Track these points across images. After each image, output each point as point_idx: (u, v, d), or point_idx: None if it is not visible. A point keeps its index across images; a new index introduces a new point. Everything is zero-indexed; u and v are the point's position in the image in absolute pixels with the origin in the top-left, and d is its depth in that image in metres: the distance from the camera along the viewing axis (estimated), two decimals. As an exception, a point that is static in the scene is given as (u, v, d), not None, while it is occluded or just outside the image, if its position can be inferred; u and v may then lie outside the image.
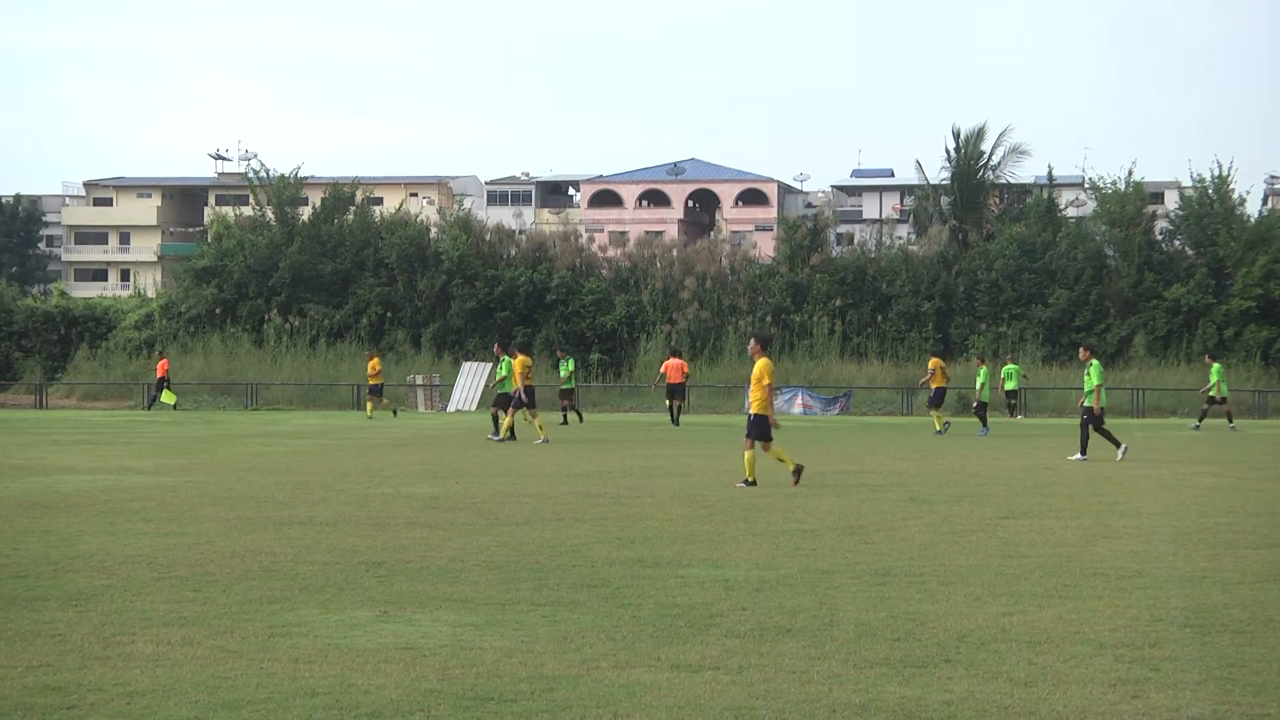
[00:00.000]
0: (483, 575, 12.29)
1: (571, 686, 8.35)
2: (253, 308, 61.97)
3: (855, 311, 59.11)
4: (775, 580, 12.10)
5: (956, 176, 65.00)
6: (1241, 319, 55.53)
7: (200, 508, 17.46)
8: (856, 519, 16.57)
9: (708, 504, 18.20)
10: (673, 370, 40.42)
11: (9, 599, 11.06)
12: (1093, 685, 8.45)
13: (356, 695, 8.14)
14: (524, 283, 60.80)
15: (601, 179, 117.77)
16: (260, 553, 13.54)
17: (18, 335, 63.13)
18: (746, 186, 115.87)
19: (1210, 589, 11.73)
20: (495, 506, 17.71)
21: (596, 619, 10.33)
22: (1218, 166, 59.06)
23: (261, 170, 66.99)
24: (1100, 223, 59.64)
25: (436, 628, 10.01)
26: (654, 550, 13.84)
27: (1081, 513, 17.37)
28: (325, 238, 63.02)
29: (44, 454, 26.83)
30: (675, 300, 60.22)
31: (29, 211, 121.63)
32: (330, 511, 17.07)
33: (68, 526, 15.51)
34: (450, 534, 15.01)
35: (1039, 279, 58.03)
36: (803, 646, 9.43)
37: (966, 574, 12.45)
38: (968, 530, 15.52)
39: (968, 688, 8.38)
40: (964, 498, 19.09)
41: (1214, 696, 8.21)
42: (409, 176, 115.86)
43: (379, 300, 61.37)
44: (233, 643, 9.48)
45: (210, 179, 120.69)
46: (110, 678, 8.51)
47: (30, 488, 19.96)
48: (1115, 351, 56.09)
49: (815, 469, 24.05)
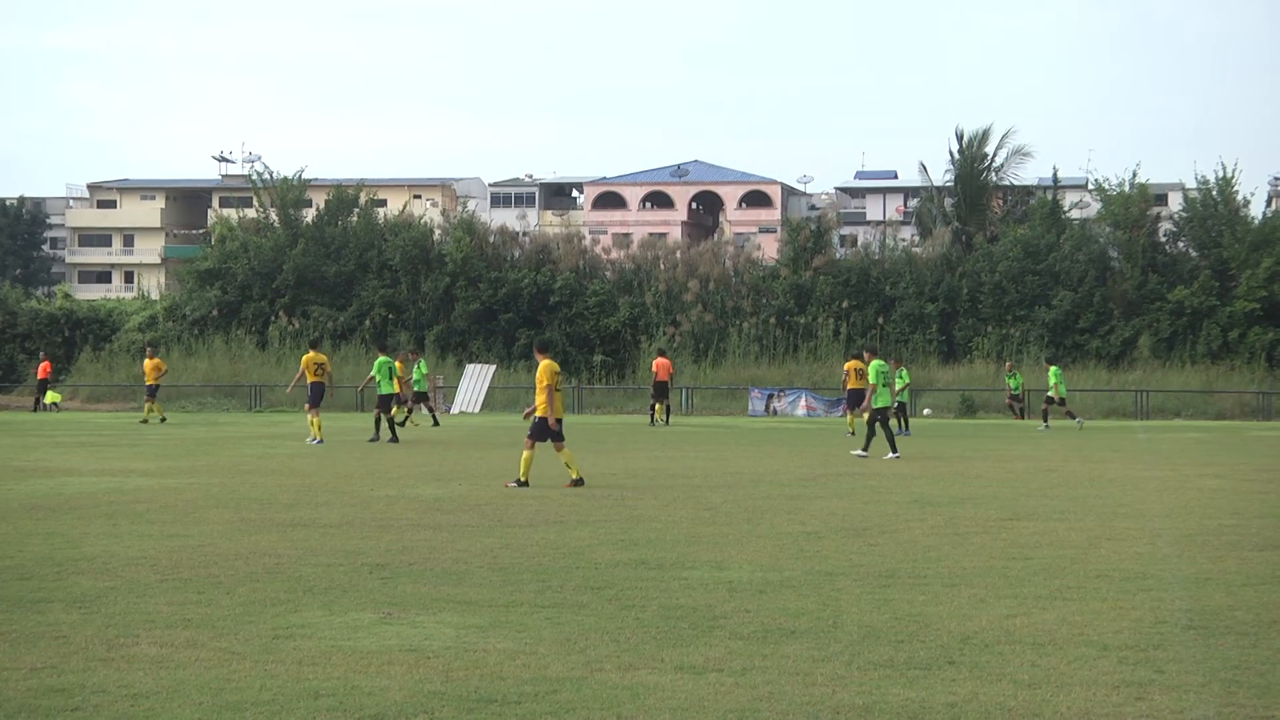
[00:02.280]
0: (486, 577, 12.29)
1: (575, 688, 8.35)
2: (256, 310, 62.02)
3: (859, 313, 59.08)
4: (779, 582, 12.10)
5: (960, 178, 65.00)
6: (1245, 321, 55.49)
7: (204, 510, 17.46)
8: (860, 521, 16.56)
9: (711, 506, 18.20)
10: (662, 370, 41.16)
11: (13, 601, 11.07)
12: (1097, 687, 8.45)
13: (360, 697, 8.14)
14: (528, 285, 60.81)
15: (605, 181, 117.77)
16: (264, 555, 13.55)
17: (22, 337, 63.18)
18: (750, 188, 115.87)
19: (1215, 591, 11.72)
20: (499, 508, 17.71)
21: (600, 621, 10.33)
22: (1222, 168, 59.05)
23: (265, 172, 67.03)
24: (1104, 224, 59.60)
25: (440, 630, 10.02)
26: (657, 552, 13.84)
27: (1085, 515, 17.36)
28: (329, 240, 63.05)
29: (48, 456, 26.84)
30: (678, 302, 60.21)
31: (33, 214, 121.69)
32: (334, 514, 17.08)
33: (72, 529, 15.52)
34: (454, 536, 15.01)
35: (1043, 281, 58.00)
36: (806, 648, 9.42)
37: (970, 576, 12.44)
38: (971, 532, 15.51)
39: (972, 690, 8.37)
40: (967, 499, 19.07)
41: (1218, 699, 8.20)
42: (413, 179, 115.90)
43: (383, 302, 61.40)
44: (237, 645, 9.49)
45: (214, 181, 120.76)
46: (114, 680, 8.51)
47: (34, 490, 19.97)
48: (1119, 353, 56.08)
49: (819, 471, 24.04)
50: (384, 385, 31.99)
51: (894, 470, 24.24)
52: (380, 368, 32.19)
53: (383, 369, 32.11)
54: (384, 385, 31.99)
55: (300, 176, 65.97)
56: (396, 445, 30.48)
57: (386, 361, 32.43)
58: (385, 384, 31.98)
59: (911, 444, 32.55)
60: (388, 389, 31.98)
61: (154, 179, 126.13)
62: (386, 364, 32.27)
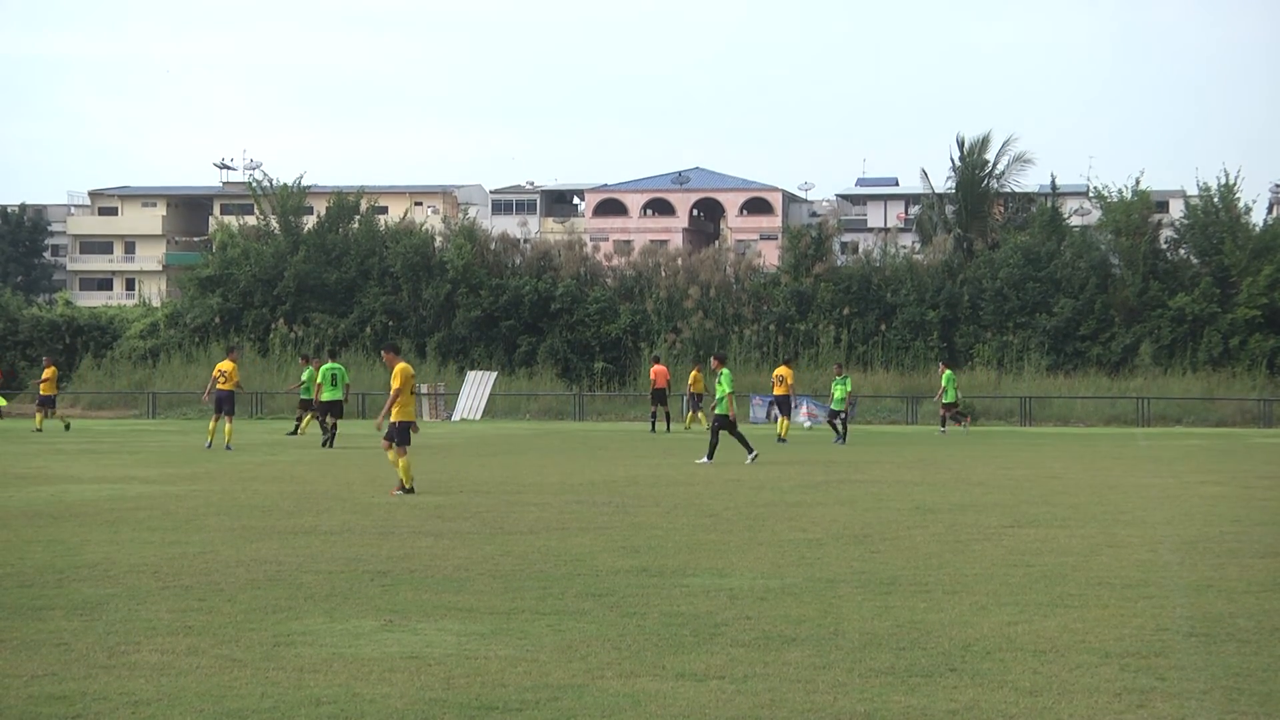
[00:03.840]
0: (487, 584, 12.29)
1: (576, 696, 8.34)
2: (257, 317, 62.04)
3: (860, 320, 59.10)
4: (780, 589, 12.10)
5: (961, 185, 65.02)
6: (1246, 328, 55.49)
7: (205, 517, 17.47)
8: (861, 528, 16.56)
9: (712, 513, 18.20)
10: (660, 377, 41.72)
11: (14, 608, 11.07)
12: (1098, 694, 8.44)
13: (361, 705, 8.14)
14: (529, 292, 60.84)
15: (606, 188, 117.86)
16: (265, 562, 13.55)
17: (23, 345, 63.17)
18: (751, 195, 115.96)
19: (1216, 598, 11.72)
20: (500, 515, 17.71)
21: (601, 628, 10.33)
22: (1223, 175, 59.03)
23: (266, 179, 67.05)
24: (1105, 231, 59.61)
25: (441, 637, 10.02)
26: (659, 559, 13.84)
27: (1086, 521, 17.36)
28: (330, 247, 63.09)
29: (49, 463, 26.84)
30: (679, 309, 60.22)
31: (34, 221, 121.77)
32: (335, 520, 17.08)
33: (73, 535, 15.52)
34: (455, 543, 15.01)
35: (1044, 288, 58.01)
36: (808, 656, 9.42)
37: (972, 583, 12.44)
38: (973, 539, 15.51)
39: (973, 697, 8.37)
40: (969, 506, 19.07)
41: (1220, 706, 8.20)
42: (414, 186, 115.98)
43: (384, 309, 61.43)
44: (238, 652, 9.49)
45: (215, 188, 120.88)
46: (115, 687, 8.51)
47: (35, 497, 19.97)
48: (1120, 360, 56.07)
49: (820, 478, 24.03)
50: (327, 391, 33.93)
51: (895, 477, 24.23)
52: (324, 374, 34.17)
53: (325, 375, 34.10)
54: (327, 391, 33.93)
55: (300, 183, 66.02)
56: (328, 449, 31.66)
57: (330, 368, 34.34)
58: (328, 390, 33.91)
59: (912, 451, 32.53)
60: (330, 394, 33.87)
61: (155, 186, 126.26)
62: (330, 370, 34.22)
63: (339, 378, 34.07)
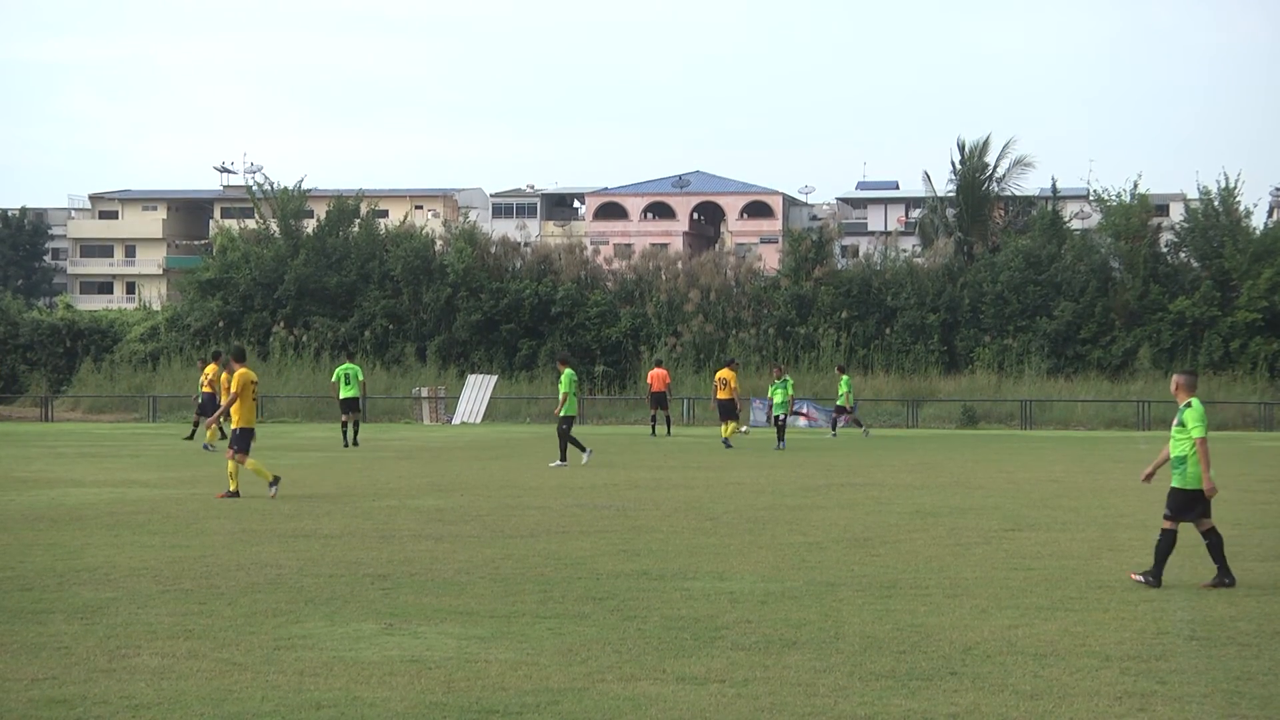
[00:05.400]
0: (488, 588, 12.29)
1: (577, 699, 8.34)
2: (258, 320, 62.02)
3: (860, 324, 59.08)
4: (780, 593, 12.09)
5: (961, 189, 65.01)
6: (1247, 331, 55.48)
7: (205, 520, 17.47)
8: (862, 531, 16.56)
9: (713, 516, 18.20)
10: (657, 380, 41.66)
11: (15, 612, 11.07)
12: (1099, 698, 8.44)
13: (362, 708, 8.14)
14: (529, 295, 60.83)
15: (606, 191, 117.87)
16: (265, 565, 13.55)
17: (23, 348, 63.17)
18: (751, 199, 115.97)
19: (1216, 601, 11.72)
20: (500, 519, 17.71)
21: (602, 631, 10.33)
22: (1223, 179, 59.01)
23: (266, 183, 67.05)
24: (1105, 235, 59.59)
25: (442, 640, 10.01)
26: (659, 563, 13.84)
27: (1087, 525, 17.36)
28: (330, 250, 63.08)
29: (49, 467, 26.85)
30: (680, 313, 60.21)
31: (35, 224, 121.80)
32: (335, 524, 17.08)
33: (73, 539, 15.53)
34: (455, 547, 15.01)
35: (1044, 291, 57.99)
36: (808, 659, 9.42)
37: (972, 586, 12.43)
38: (973, 543, 15.51)
39: (974, 700, 8.37)
40: (969, 510, 19.07)
41: (1220, 709, 8.20)
42: (414, 189, 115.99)
43: (384, 313, 61.41)
44: (238, 655, 9.49)
45: (215, 192, 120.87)
46: (116, 690, 8.51)
47: (36, 500, 19.97)
48: (1120, 364, 56.06)
49: (820, 482, 24.03)
50: (343, 389, 34.44)
51: (895, 481, 24.23)
52: (339, 373, 34.88)
53: (340, 374, 34.76)
54: (343, 389, 34.44)
55: (300, 187, 66.04)
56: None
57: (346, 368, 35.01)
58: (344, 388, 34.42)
59: (913, 455, 32.52)
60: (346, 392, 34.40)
61: (155, 190, 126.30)
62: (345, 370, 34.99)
63: (353, 376, 34.90)
